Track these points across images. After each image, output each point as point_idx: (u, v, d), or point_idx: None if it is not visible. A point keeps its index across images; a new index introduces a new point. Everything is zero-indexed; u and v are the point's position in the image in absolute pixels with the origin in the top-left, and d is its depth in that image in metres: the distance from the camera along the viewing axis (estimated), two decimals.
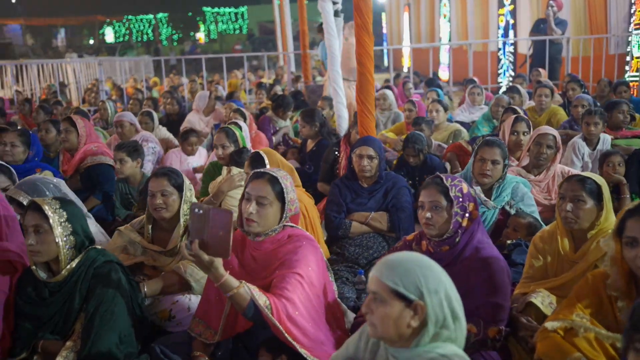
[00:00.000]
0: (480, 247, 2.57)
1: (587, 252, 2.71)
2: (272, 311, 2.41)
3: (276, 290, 2.50)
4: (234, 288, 2.37)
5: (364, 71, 4.19)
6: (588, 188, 2.73)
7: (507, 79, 14.06)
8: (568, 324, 2.16)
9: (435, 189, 2.59)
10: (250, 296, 2.39)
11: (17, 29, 40.97)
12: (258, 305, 2.39)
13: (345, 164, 4.84)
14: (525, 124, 4.54)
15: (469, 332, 2.45)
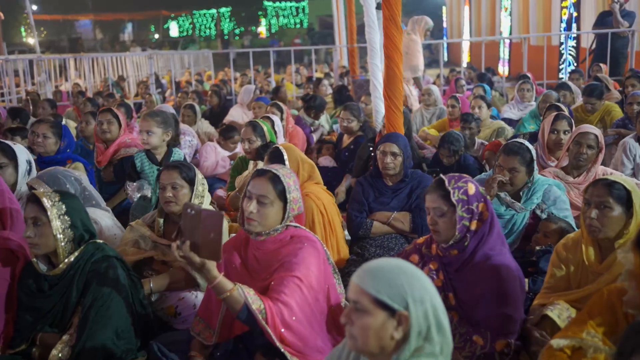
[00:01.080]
0: (491, 253, 2.40)
1: (613, 263, 2.48)
2: (267, 316, 2.33)
3: (273, 293, 2.41)
4: (227, 290, 2.29)
5: (392, 65, 4.02)
6: (616, 193, 2.50)
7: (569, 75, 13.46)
8: (577, 343, 1.97)
9: (437, 194, 2.44)
10: (244, 299, 2.30)
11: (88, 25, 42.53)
12: (251, 309, 2.30)
13: None
14: (567, 122, 4.26)
15: (475, 344, 2.30)
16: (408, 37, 8.23)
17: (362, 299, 1.64)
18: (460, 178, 2.48)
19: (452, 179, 2.47)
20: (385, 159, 3.70)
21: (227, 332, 2.59)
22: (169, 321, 2.96)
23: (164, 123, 4.12)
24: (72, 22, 40.04)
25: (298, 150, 3.62)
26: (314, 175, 3.60)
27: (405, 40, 8.19)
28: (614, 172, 3.87)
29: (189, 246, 2.20)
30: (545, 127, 4.31)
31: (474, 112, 5.73)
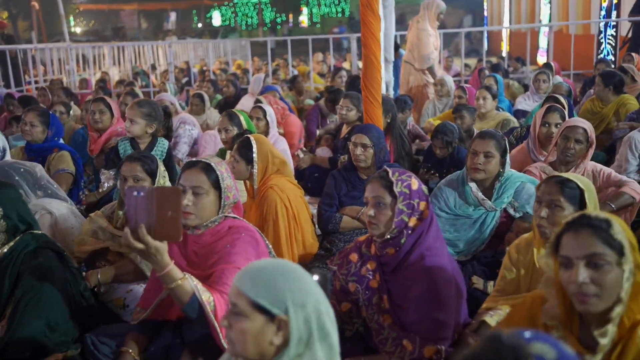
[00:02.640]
0: (426, 254, 2.27)
1: None
2: (216, 309, 2.25)
3: (217, 286, 2.33)
4: (178, 279, 2.19)
5: (369, 54, 3.88)
6: (568, 192, 2.34)
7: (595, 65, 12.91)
8: None
9: (379, 184, 2.31)
10: (194, 290, 2.23)
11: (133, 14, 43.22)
12: (201, 300, 2.22)
13: None
14: (559, 115, 4.04)
15: (405, 349, 2.18)
16: (417, 26, 7.97)
17: (241, 302, 1.56)
18: (405, 172, 2.36)
19: (397, 171, 2.35)
20: (355, 151, 3.58)
21: (162, 312, 2.52)
22: (119, 313, 2.93)
23: (149, 115, 4.11)
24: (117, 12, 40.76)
25: (270, 145, 3.53)
26: (283, 170, 3.50)
27: (413, 29, 7.95)
28: (604, 168, 3.64)
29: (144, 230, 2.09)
30: (537, 120, 4.10)
31: (478, 104, 5.52)
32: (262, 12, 44.26)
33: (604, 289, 1.65)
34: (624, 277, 1.66)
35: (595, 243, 1.66)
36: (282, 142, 5.11)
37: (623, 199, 3.42)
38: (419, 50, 7.82)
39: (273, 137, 5.09)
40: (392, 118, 4.66)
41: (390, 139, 4.68)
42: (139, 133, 4.16)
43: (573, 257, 1.68)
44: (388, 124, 4.64)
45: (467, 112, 5.17)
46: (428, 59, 7.61)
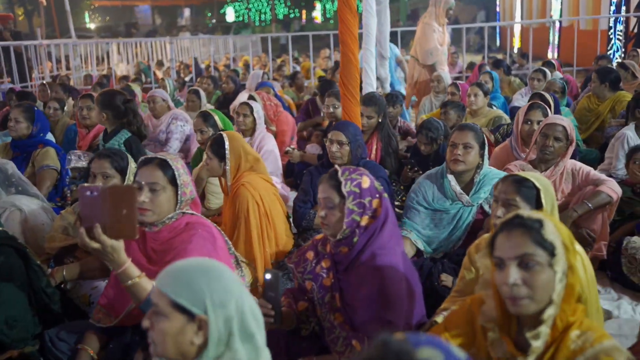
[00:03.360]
0: (378, 253, 2.24)
1: None
2: None
3: None
4: (135, 277, 2.19)
5: (347, 51, 3.85)
6: (524, 192, 2.30)
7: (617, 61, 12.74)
8: None
9: (328, 184, 2.29)
10: (152, 287, 2.23)
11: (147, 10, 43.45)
12: None
13: None
14: (542, 112, 3.98)
15: (354, 349, 2.17)
16: (422, 21, 7.93)
17: (161, 301, 1.55)
18: (356, 170, 2.33)
19: (347, 170, 2.32)
20: (331, 148, 3.56)
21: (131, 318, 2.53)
22: (85, 310, 2.94)
23: (101, 103, 4.10)
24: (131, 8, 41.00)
25: (243, 141, 3.52)
26: (257, 167, 3.49)
27: (420, 24, 7.90)
28: (583, 166, 3.58)
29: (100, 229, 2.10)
30: (520, 117, 4.04)
31: (469, 101, 5.45)
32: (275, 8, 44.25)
33: (535, 291, 1.62)
34: (556, 279, 1.63)
35: (526, 243, 1.63)
36: (270, 139, 5.09)
37: (600, 198, 3.36)
38: (422, 44, 7.78)
39: (260, 133, 5.07)
40: (383, 117, 4.62)
41: (378, 136, 4.64)
42: (95, 120, 4.27)
43: (505, 258, 1.65)
44: (378, 122, 4.61)
45: (453, 109, 5.11)
46: (430, 54, 7.55)
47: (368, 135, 4.67)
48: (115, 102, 4.15)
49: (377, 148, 4.67)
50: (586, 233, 3.40)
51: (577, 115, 5.88)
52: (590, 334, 1.62)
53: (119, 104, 4.14)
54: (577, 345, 1.61)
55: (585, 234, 3.40)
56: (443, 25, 7.99)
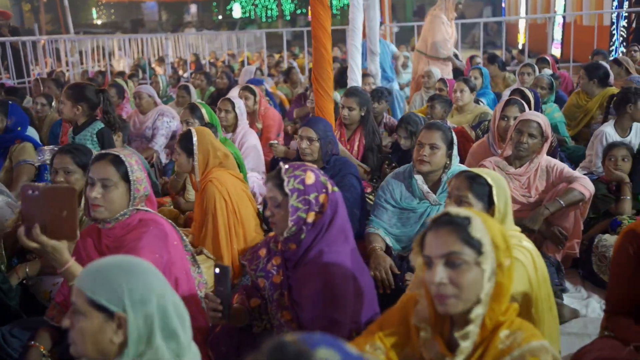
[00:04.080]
0: (326, 250, 2.21)
1: None
2: None
3: None
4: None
5: (319, 46, 3.81)
6: (476, 188, 2.26)
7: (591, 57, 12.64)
8: None
9: (271, 183, 2.26)
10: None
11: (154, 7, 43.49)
12: None
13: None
14: (518, 108, 3.92)
15: None
16: (432, 13, 7.89)
17: (79, 300, 1.53)
18: (300, 167, 2.29)
19: (291, 167, 2.29)
20: (301, 144, 3.53)
21: None
22: (47, 305, 2.92)
23: (73, 97, 4.06)
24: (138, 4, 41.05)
25: (212, 137, 3.49)
26: (226, 163, 3.46)
27: (429, 17, 7.87)
28: (557, 163, 3.52)
29: (39, 229, 2.10)
30: (497, 113, 3.99)
31: (455, 97, 5.40)
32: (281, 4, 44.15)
33: (462, 290, 1.58)
34: (484, 277, 1.59)
35: (453, 242, 1.59)
36: (252, 135, 5.07)
37: (572, 195, 3.31)
38: (431, 37, 7.75)
39: (242, 129, 5.05)
40: (366, 112, 4.57)
41: (362, 132, 4.60)
42: (69, 114, 4.12)
43: (433, 257, 1.62)
44: (362, 117, 4.57)
45: (439, 103, 5.07)
46: (438, 47, 7.52)
47: (352, 131, 4.64)
48: (88, 94, 4.12)
49: (360, 144, 4.63)
50: (558, 231, 3.35)
51: (566, 111, 5.81)
52: (520, 334, 1.58)
53: (91, 95, 4.10)
54: (505, 345, 1.58)
55: (557, 231, 3.35)
56: (452, 19, 7.95)
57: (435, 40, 7.75)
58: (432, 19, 7.83)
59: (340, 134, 4.63)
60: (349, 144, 4.62)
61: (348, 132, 4.64)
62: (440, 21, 7.77)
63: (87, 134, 4.05)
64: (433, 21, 7.81)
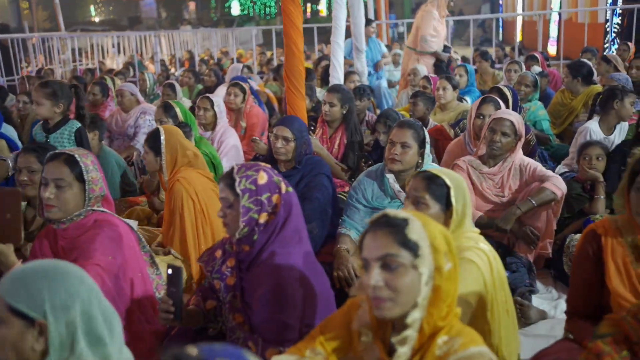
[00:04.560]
0: (278, 251, 2.17)
1: None
2: None
3: None
4: None
5: (290, 43, 3.76)
6: (433, 189, 2.22)
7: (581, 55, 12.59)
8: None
9: (224, 183, 2.22)
10: None
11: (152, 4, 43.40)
12: None
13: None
14: (494, 106, 3.88)
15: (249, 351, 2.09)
16: (423, 9, 7.85)
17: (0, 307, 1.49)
18: (253, 167, 2.25)
19: (244, 167, 2.25)
20: (276, 143, 3.48)
21: None
22: None
23: (53, 95, 3.99)
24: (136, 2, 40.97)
25: (181, 136, 3.45)
26: (195, 163, 3.42)
27: (420, 12, 7.83)
28: (531, 162, 3.48)
29: None
30: (472, 111, 3.95)
31: (437, 94, 5.35)
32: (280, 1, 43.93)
33: (398, 293, 1.54)
34: (421, 281, 1.55)
35: (389, 244, 1.54)
36: (231, 134, 5.03)
37: (544, 195, 3.27)
38: (419, 31, 7.72)
39: (222, 128, 5.01)
40: (348, 109, 4.52)
41: (344, 130, 4.56)
42: (48, 114, 4.01)
43: (369, 259, 1.57)
44: (344, 115, 4.52)
45: (422, 100, 5.02)
46: (425, 41, 7.48)
47: (334, 129, 4.59)
48: (67, 93, 4.06)
49: (341, 142, 4.59)
50: (530, 231, 3.31)
51: (551, 109, 5.77)
52: (457, 340, 1.54)
53: (68, 92, 4.05)
54: (443, 351, 1.54)
55: (529, 231, 3.31)
56: (443, 17, 7.90)
57: (423, 34, 7.71)
58: (424, 14, 7.80)
59: (322, 132, 4.59)
60: (330, 142, 4.58)
61: (330, 130, 4.60)
62: (431, 17, 7.73)
63: (65, 133, 4.00)
64: (424, 16, 7.78)
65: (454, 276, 1.62)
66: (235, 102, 5.57)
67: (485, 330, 2.11)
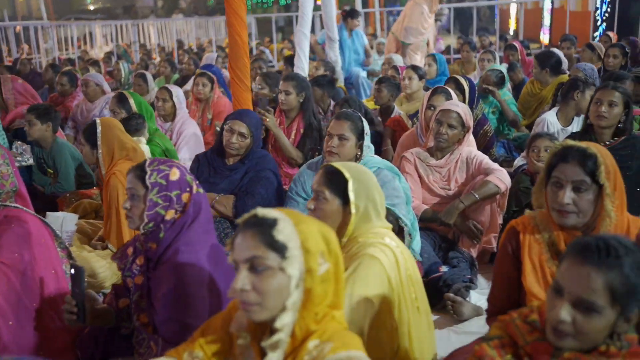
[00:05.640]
0: (182, 249, 2.10)
1: None
2: None
3: None
4: None
5: (234, 33, 3.68)
6: (333, 183, 2.14)
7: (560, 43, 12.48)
8: None
9: (133, 174, 2.16)
10: None
11: None
12: None
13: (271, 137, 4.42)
14: (445, 96, 3.80)
15: (151, 351, 2.04)
16: (414, 1, 7.77)
17: None
18: (166, 162, 2.19)
19: (157, 161, 2.18)
20: (231, 138, 3.41)
21: None
22: None
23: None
24: None
25: (119, 129, 3.37)
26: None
27: (409, 3, 7.75)
28: (478, 155, 3.41)
29: None
30: (424, 102, 3.87)
31: (403, 84, 5.27)
32: None
33: (265, 297, 1.47)
34: (291, 284, 1.48)
35: (256, 245, 1.48)
36: (191, 124, 4.96)
37: (487, 188, 3.20)
38: (405, 22, 7.65)
39: (181, 119, 4.94)
40: (305, 97, 4.44)
41: (301, 118, 4.48)
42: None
43: (238, 261, 1.51)
44: (301, 103, 4.44)
45: (386, 87, 4.94)
46: (409, 33, 7.41)
47: (291, 119, 4.51)
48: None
49: (297, 132, 4.51)
50: (473, 225, 3.24)
51: (521, 100, 5.70)
52: (328, 345, 1.47)
53: None
54: (312, 356, 1.47)
55: (472, 225, 3.25)
56: (433, 12, 7.82)
57: (409, 26, 7.63)
58: (414, 5, 7.72)
59: (280, 121, 4.51)
60: (287, 130, 4.51)
61: (287, 120, 4.52)
62: (420, 11, 7.66)
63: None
64: (413, 8, 7.70)
65: (334, 277, 1.55)
66: (203, 92, 5.50)
67: (392, 328, 2.05)
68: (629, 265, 1.40)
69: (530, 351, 1.54)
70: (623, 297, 1.39)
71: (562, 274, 1.46)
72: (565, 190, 1.97)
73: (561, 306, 1.44)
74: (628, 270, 1.39)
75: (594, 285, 1.39)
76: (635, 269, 1.40)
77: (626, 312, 1.41)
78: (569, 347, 1.45)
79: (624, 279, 1.39)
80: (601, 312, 1.40)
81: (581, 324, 1.41)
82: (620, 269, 1.39)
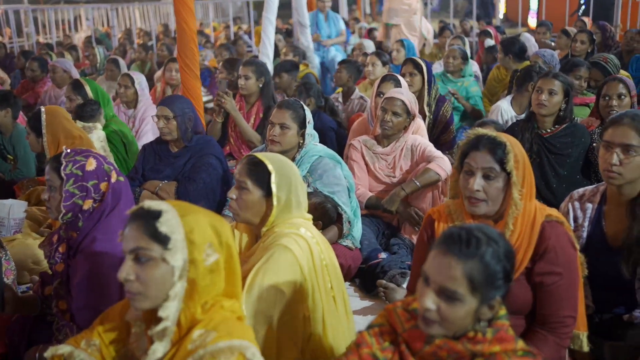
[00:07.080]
0: (99, 238, 2.14)
1: (253, 253, 2.17)
2: None
3: None
4: None
5: (181, 20, 3.68)
6: (255, 174, 2.16)
7: None
8: (65, 352, 1.70)
9: (50, 167, 2.19)
10: None
11: None
12: None
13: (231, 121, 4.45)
14: (394, 83, 3.82)
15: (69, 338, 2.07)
16: None
17: None
18: (83, 152, 2.21)
19: (74, 151, 2.20)
20: (158, 123, 3.44)
21: None
22: None
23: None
24: None
25: (64, 117, 3.37)
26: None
27: None
28: (422, 142, 3.43)
29: None
30: (374, 90, 3.88)
31: (367, 70, 5.27)
32: None
33: (147, 286, 1.51)
34: (174, 274, 1.51)
35: (140, 236, 1.51)
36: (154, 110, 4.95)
37: (428, 176, 3.24)
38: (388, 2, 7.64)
39: (144, 105, 4.95)
40: (264, 82, 4.45)
41: (260, 102, 4.49)
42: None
43: (125, 252, 1.54)
44: (260, 88, 4.45)
45: (346, 68, 4.97)
46: (393, 14, 7.41)
47: (251, 104, 4.53)
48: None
49: (257, 117, 4.53)
50: (414, 212, 3.28)
51: (487, 85, 5.72)
52: (211, 334, 1.51)
53: None
54: (195, 345, 1.51)
55: (413, 212, 3.28)
56: None
57: (391, 7, 7.61)
58: None
59: (240, 107, 4.53)
60: (247, 116, 4.53)
61: (247, 105, 4.54)
62: None
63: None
64: None
65: (226, 267, 1.59)
66: (176, 78, 5.50)
67: (305, 317, 2.09)
68: (490, 255, 1.44)
69: (407, 338, 1.58)
70: (482, 286, 1.44)
71: (428, 264, 1.51)
72: (475, 177, 2.00)
73: (427, 295, 1.48)
74: (488, 259, 1.43)
75: (454, 274, 1.43)
76: (494, 258, 1.44)
77: (487, 299, 1.46)
78: (436, 334, 1.50)
79: (484, 268, 1.43)
80: (463, 300, 1.44)
81: (445, 311, 1.45)
82: (480, 258, 1.43)
